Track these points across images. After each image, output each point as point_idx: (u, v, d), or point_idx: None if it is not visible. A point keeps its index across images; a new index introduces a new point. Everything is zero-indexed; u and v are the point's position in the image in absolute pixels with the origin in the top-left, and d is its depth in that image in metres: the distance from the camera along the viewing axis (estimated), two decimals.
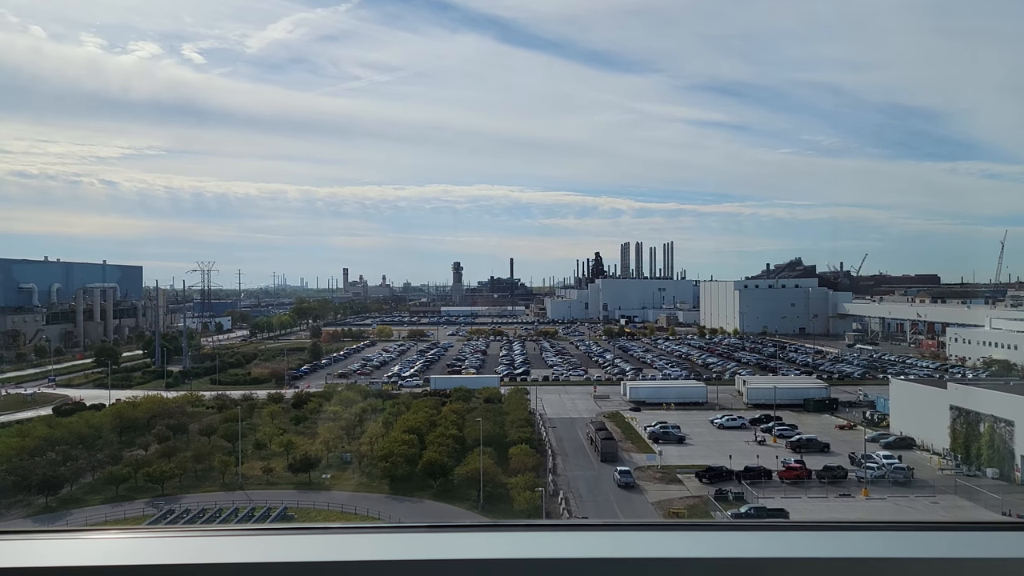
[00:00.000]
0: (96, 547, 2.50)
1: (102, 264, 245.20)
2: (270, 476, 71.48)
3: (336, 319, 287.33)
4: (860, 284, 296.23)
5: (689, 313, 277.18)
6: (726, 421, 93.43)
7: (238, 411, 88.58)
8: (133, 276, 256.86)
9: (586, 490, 67.34)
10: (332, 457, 76.10)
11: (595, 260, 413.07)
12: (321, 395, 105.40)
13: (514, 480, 65.00)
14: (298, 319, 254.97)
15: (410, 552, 2.41)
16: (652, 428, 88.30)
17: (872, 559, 2.38)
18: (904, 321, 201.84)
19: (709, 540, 2.59)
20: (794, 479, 69.50)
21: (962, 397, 78.56)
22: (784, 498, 64.70)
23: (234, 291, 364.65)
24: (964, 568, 2.37)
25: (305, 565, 2.32)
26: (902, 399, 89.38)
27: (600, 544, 2.54)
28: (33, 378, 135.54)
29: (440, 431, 78.37)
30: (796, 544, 2.49)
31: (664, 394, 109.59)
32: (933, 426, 79.57)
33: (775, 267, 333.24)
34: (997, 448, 72.28)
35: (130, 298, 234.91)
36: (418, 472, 68.48)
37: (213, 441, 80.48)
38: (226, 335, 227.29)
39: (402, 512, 62.44)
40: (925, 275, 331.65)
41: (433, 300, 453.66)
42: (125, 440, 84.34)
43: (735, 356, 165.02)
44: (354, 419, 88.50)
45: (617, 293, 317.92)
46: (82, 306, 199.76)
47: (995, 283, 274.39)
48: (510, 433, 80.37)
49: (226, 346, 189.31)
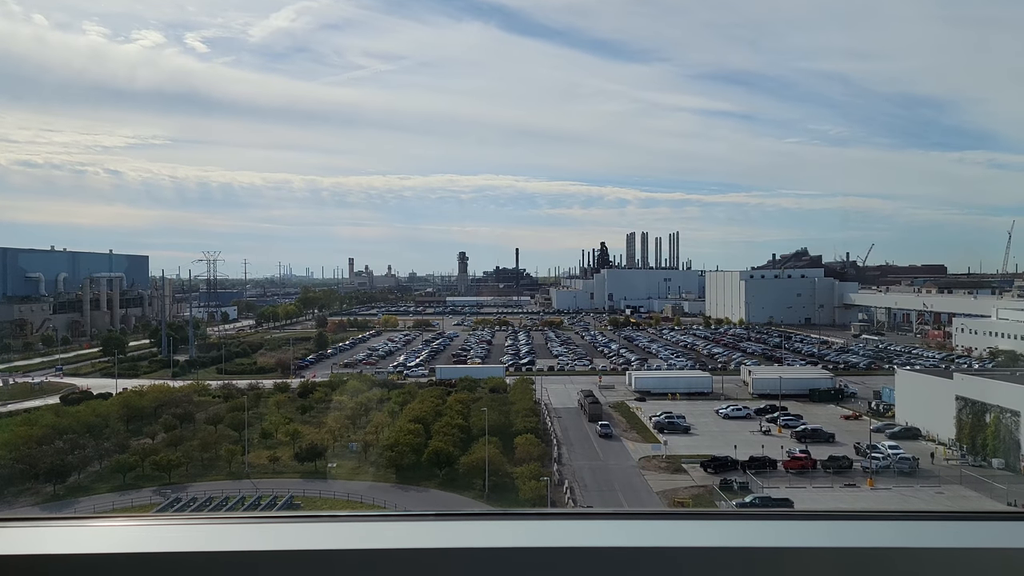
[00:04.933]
0: (103, 535, 2.51)
1: (108, 253, 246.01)
2: (276, 465, 71.83)
3: (342, 309, 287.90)
4: (866, 274, 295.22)
5: (695, 303, 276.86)
6: (731, 411, 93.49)
7: (244, 400, 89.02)
8: (139, 266, 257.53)
9: (590, 477, 67.65)
10: (338, 446, 76.44)
11: (601, 250, 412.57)
12: (327, 384, 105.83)
13: (519, 469, 65.21)
14: (304, 309, 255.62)
15: (416, 540, 2.42)
16: (657, 418, 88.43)
17: (877, 548, 2.38)
18: (910, 311, 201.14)
19: (714, 529, 2.59)
20: (799, 469, 69.58)
21: (968, 387, 78.37)
22: (789, 488, 64.81)
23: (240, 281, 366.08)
24: (969, 558, 2.37)
25: (311, 553, 2.33)
26: (908, 389, 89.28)
27: (606, 532, 2.55)
28: (40, 367, 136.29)
29: (446, 420, 78.62)
30: (801, 533, 2.50)
31: (669, 384, 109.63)
32: (939, 416, 79.44)
33: (781, 257, 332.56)
34: (1003, 438, 72.16)
35: (136, 287, 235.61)
36: (424, 461, 68.73)
37: (219, 430, 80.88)
38: (232, 325, 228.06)
39: (408, 501, 62.74)
40: (932, 265, 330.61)
41: (439, 290, 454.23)
42: (132, 429, 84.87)
43: (741, 346, 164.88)
44: (360, 408, 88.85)
45: (623, 283, 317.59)
46: (89, 295, 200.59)
47: (1002, 273, 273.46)
48: (515, 423, 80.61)
49: (232, 335, 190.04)
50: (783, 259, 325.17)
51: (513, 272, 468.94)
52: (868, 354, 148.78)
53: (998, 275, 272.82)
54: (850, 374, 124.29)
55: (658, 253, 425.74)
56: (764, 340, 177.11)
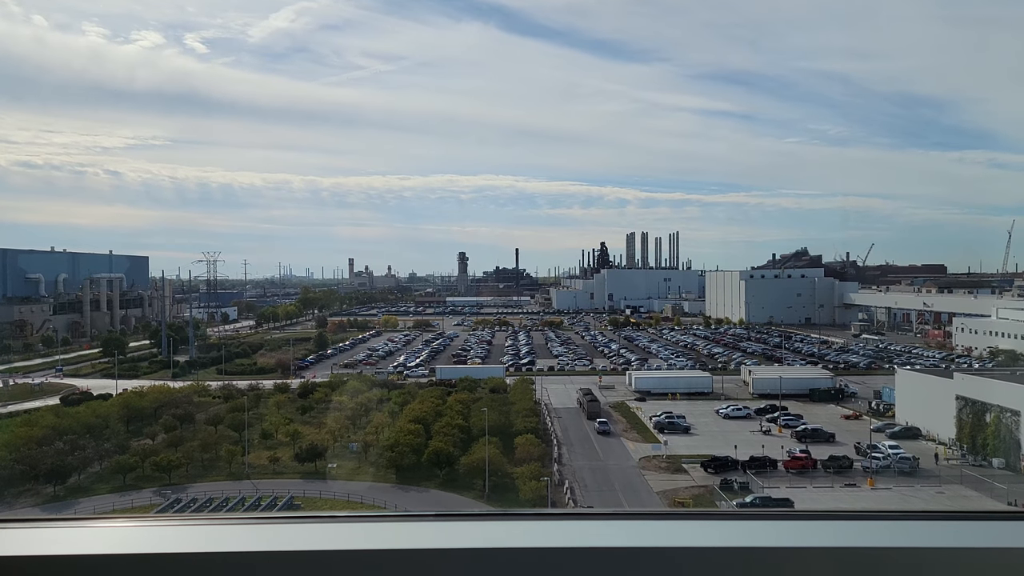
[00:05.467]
0: (104, 535, 2.51)
1: (108, 254, 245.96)
2: (276, 466, 71.82)
3: (342, 309, 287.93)
4: (866, 274, 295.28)
5: (695, 303, 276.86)
6: (732, 411, 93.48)
7: (244, 401, 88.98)
8: (139, 266, 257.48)
9: (590, 478, 67.64)
10: (338, 447, 76.43)
11: (600, 250, 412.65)
12: (327, 385, 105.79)
13: (520, 470, 65.20)
14: (304, 309, 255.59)
15: (416, 541, 2.42)
16: (658, 418, 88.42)
17: (877, 548, 2.38)
18: (910, 311, 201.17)
19: (714, 529, 2.59)
20: (799, 469, 69.57)
21: (968, 387, 78.34)
22: (790, 488, 64.79)
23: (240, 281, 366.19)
24: (970, 557, 2.37)
25: (311, 554, 2.33)
26: (908, 389, 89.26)
27: (605, 533, 2.55)
28: (40, 368, 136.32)
29: (446, 421, 78.60)
30: (801, 533, 2.50)
31: (670, 384, 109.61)
32: (939, 416, 79.43)
33: (781, 257, 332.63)
34: (1003, 438, 72.14)
35: (136, 288, 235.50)
36: (424, 462, 68.70)
37: (220, 431, 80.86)
38: (232, 325, 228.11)
39: (408, 501, 62.73)
40: (932, 265, 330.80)
41: (439, 290, 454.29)
42: (132, 430, 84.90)
43: (741, 346, 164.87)
44: (360, 409, 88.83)
45: (623, 283, 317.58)
46: (89, 296, 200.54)
47: (1002, 273, 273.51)
48: (516, 423, 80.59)
49: (232, 336, 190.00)
50: (783, 259, 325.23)
51: (513, 272, 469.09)
52: (868, 354, 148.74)
53: (998, 275, 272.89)
54: (850, 374, 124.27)
55: (658, 253, 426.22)
56: (764, 340, 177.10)
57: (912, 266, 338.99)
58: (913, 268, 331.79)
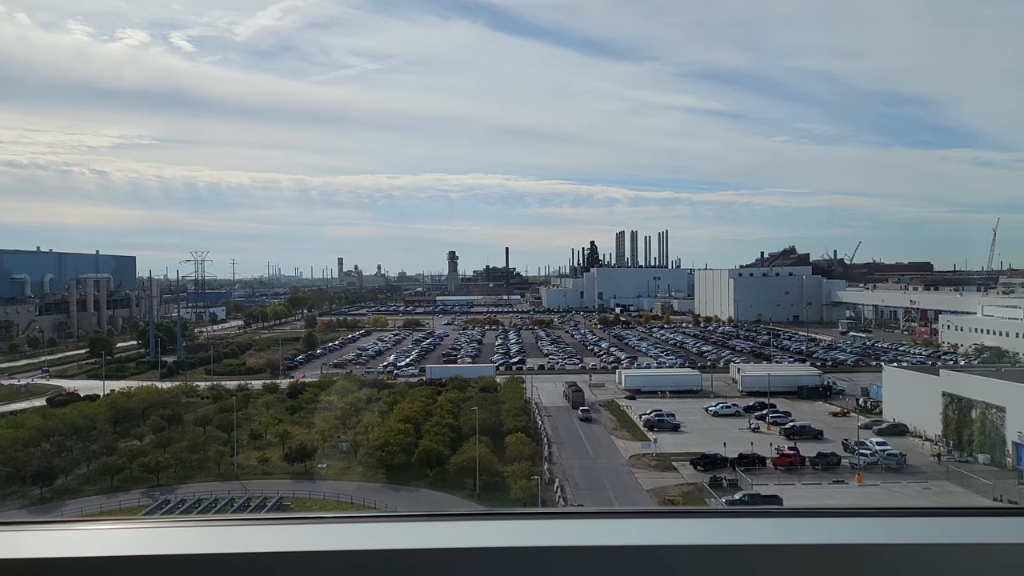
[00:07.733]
0: (91, 538, 2.50)
1: (95, 254, 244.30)
2: (266, 466, 71.56)
3: (331, 309, 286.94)
4: (854, 272, 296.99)
5: (684, 301, 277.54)
6: (720, 409, 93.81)
7: (233, 401, 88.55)
8: (126, 266, 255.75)
9: (581, 476, 67.76)
10: (328, 447, 76.19)
11: (590, 249, 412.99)
12: (316, 385, 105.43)
13: (510, 469, 65.22)
14: (293, 309, 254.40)
15: (407, 541, 2.42)
16: (647, 416, 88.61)
17: (865, 545, 2.40)
18: (897, 308, 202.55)
19: (704, 527, 2.60)
20: (788, 466, 69.88)
21: (954, 384, 78.96)
22: (778, 485, 65.08)
23: (228, 281, 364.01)
24: (956, 553, 2.38)
25: (301, 555, 2.32)
26: (895, 386, 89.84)
27: (596, 532, 2.55)
28: (26, 369, 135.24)
29: (436, 420, 78.51)
30: (790, 530, 2.51)
31: (659, 382, 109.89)
32: (926, 413, 80.00)
33: (769, 255, 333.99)
34: (988, 434, 72.72)
35: (124, 288, 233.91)
36: (414, 461, 68.59)
37: (208, 431, 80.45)
38: (220, 325, 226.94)
39: (398, 501, 62.57)
40: (918, 263, 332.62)
41: (428, 289, 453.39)
42: (120, 430, 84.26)
43: (729, 344, 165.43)
44: (350, 409, 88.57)
45: (612, 282, 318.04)
46: (75, 296, 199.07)
47: (987, 270, 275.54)
48: (506, 422, 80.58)
49: (221, 336, 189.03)
50: (771, 257, 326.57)
51: (503, 271, 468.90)
52: (856, 351, 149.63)
53: (983, 272, 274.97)
54: (838, 371, 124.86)
55: (647, 252, 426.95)
56: (753, 338, 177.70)
57: (899, 264, 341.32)
58: (900, 266, 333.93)
